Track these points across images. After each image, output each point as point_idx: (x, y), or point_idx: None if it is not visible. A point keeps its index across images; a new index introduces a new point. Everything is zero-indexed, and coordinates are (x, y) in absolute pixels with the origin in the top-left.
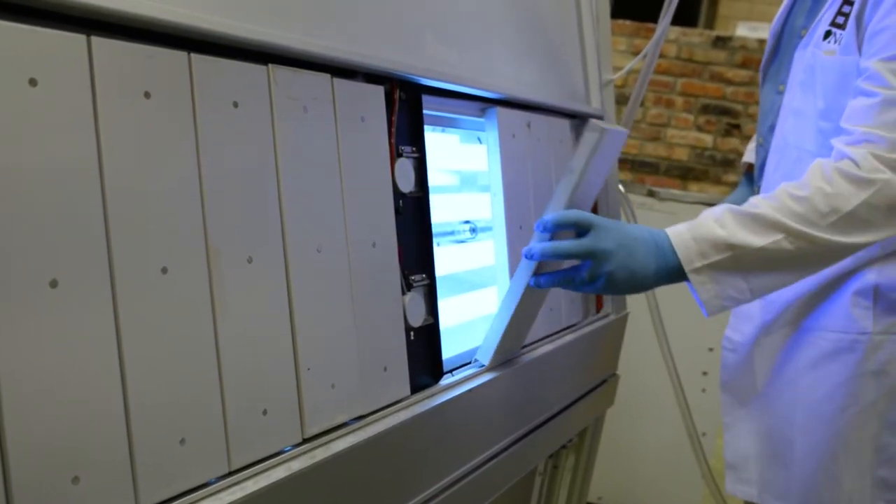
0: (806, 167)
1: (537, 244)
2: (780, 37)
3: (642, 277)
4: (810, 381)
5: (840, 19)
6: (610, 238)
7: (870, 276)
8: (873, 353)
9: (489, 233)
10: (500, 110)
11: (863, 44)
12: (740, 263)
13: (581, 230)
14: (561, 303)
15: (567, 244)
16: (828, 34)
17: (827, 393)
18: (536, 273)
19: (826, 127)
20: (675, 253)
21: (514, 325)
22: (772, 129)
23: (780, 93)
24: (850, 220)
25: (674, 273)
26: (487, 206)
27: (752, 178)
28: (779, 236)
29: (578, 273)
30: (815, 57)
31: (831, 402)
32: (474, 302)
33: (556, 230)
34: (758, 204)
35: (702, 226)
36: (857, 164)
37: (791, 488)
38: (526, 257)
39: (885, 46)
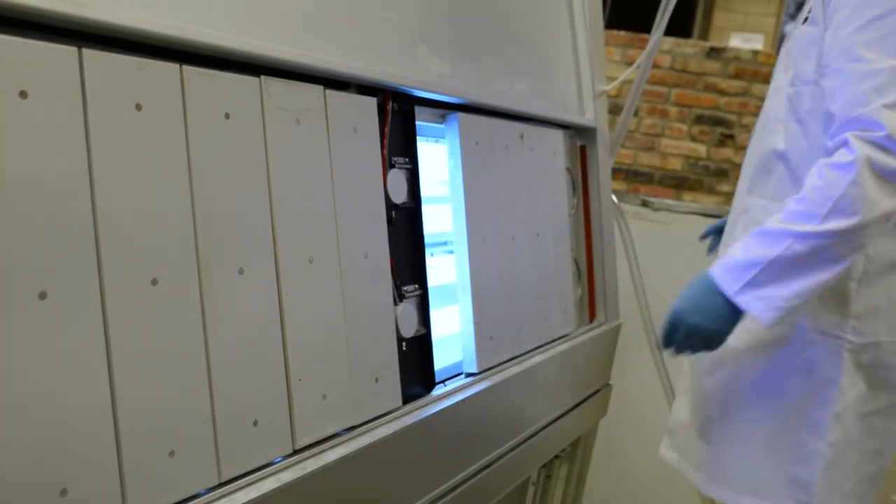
0: (776, 135)
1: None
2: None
3: (714, 325)
4: (741, 366)
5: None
6: (678, 307)
7: None
8: (803, 350)
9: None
10: (461, 116)
11: (827, 18)
12: (770, 276)
13: None
14: (553, 313)
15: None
16: (806, 20)
17: (753, 380)
18: None
19: (792, 92)
20: (717, 289)
21: None
22: None
23: None
24: (845, 202)
25: (726, 306)
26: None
27: None
28: (788, 241)
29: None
30: (791, 36)
31: (755, 390)
32: None
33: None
34: (768, 220)
35: (731, 255)
36: (842, 152)
37: (706, 462)
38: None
39: (847, 21)
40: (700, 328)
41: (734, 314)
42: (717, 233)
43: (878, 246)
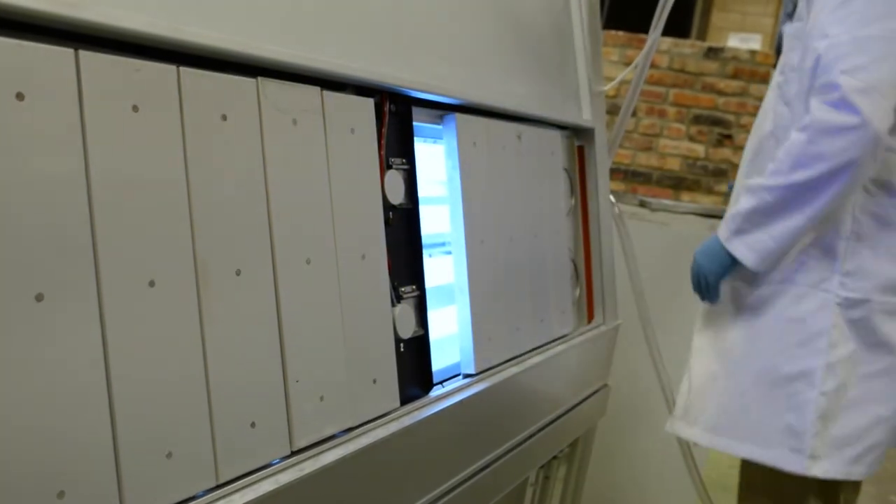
0: (767, 120)
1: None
2: None
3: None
4: (739, 319)
5: None
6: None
7: (810, 235)
8: (796, 304)
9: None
10: (458, 116)
11: (809, 11)
12: (751, 223)
13: None
14: (552, 314)
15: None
16: (791, 16)
17: (752, 334)
18: None
19: (781, 80)
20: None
21: None
22: None
23: None
24: (803, 157)
25: (723, 253)
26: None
27: None
28: (763, 193)
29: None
30: (784, 34)
31: (753, 343)
32: None
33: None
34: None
35: (727, 212)
36: (805, 116)
37: (706, 416)
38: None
39: (822, 7)
40: (706, 269)
41: (731, 258)
42: None
43: (865, 206)
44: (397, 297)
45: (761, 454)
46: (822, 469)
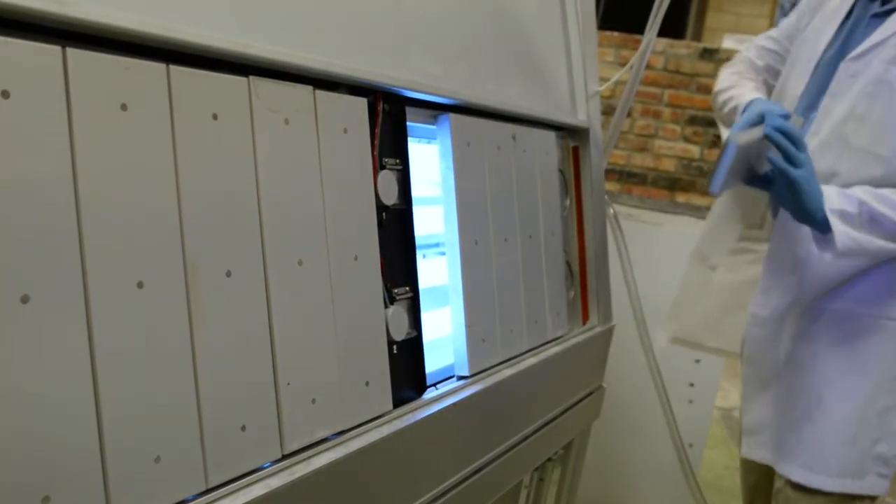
0: (877, 168)
1: (784, 128)
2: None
3: (809, 207)
4: (833, 357)
5: None
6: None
7: None
8: (889, 342)
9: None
10: (452, 116)
11: None
12: (867, 223)
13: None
14: (546, 315)
15: (795, 152)
16: None
17: (847, 369)
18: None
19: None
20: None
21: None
22: (809, 108)
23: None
24: None
25: (819, 212)
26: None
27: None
28: None
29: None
30: (889, 73)
31: (849, 379)
32: None
33: (776, 135)
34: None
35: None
36: None
37: (801, 453)
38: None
39: None
40: (781, 195)
41: (817, 221)
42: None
43: None
44: (390, 299)
45: (855, 486)
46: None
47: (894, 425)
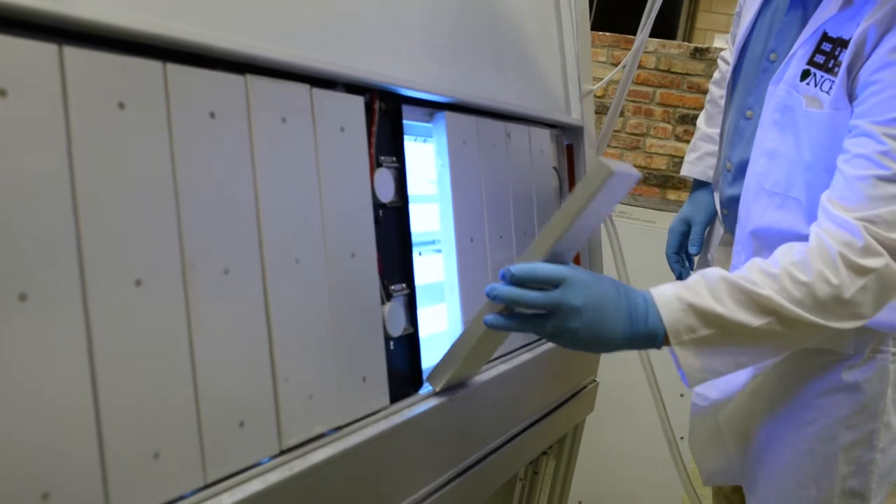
0: (794, 215)
1: (503, 287)
2: (742, 53)
3: (608, 340)
4: (784, 396)
5: (819, 58)
6: (580, 295)
7: None
8: (849, 371)
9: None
10: (448, 115)
11: (853, 95)
12: (730, 340)
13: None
14: None
15: (534, 295)
16: (806, 73)
17: (799, 406)
18: (500, 312)
19: (814, 181)
20: (660, 320)
21: (472, 358)
22: (742, 161)
23: (748, 119)
24: (844, 305)
25: (650, 338)
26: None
27: (705, 185)
28: (772, 318)
29: (542, 325)
30: (792, 98)
31: (803, 414)
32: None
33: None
34: (757, 282)
35: (695, 294)
36: (858, 245)
37: (761, 489)
38: (489, 297)
39: (879, 106)
40: (585, 342)
41: (638, 346)
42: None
43: None
44: (387, 296)
45: None
46: None
47: (865, 458)
